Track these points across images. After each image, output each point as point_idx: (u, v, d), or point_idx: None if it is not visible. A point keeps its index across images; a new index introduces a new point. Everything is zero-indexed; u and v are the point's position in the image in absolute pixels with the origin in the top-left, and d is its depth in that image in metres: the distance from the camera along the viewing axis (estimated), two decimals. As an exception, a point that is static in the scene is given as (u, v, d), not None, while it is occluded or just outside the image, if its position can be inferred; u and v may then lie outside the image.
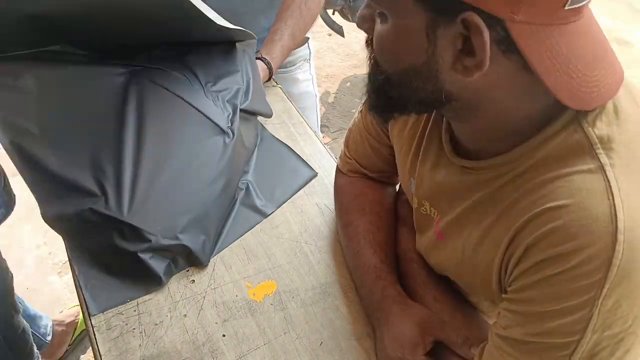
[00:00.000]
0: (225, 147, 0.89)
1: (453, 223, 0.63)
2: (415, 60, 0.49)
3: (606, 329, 0.48)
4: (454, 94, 0.51)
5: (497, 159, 0.56)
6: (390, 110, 0.57)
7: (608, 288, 0.46)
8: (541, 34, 0.44)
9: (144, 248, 0.78)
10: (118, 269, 0.80)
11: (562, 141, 0.51)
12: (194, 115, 0.89)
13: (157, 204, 0.80)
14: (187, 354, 0.72)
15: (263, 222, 0.90)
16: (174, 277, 0.81)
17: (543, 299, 0.50)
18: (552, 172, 0.50)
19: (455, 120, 0.59)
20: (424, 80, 0.50)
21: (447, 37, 0.46)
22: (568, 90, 0.46)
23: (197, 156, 0.86)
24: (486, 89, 0.50)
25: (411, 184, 0.72)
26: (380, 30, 0.51)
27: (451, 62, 0.48)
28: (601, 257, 0.46)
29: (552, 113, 0.51)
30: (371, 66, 0.56)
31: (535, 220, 0.50)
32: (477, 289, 0.65)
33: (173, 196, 0.81)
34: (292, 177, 0.98)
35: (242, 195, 0.93)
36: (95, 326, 0.74)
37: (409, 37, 0.48)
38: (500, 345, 0.55)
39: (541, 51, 0.45)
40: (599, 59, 0.48)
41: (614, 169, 0.48)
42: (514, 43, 0.44)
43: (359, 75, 2.96)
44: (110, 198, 0.77)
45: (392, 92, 0.54)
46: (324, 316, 0.77)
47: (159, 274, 0.79)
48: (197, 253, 0.81)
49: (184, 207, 0.82)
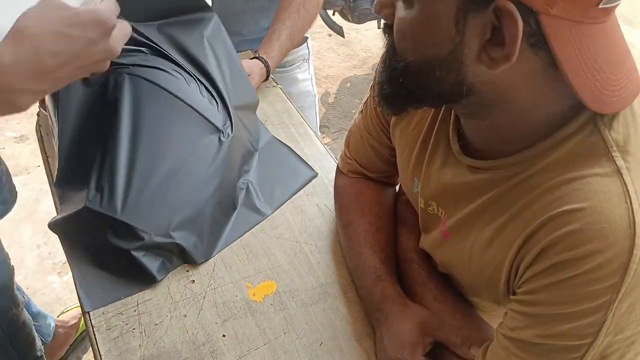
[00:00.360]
0: (221, 145, 0.89)
1: (460, 223, 0.63)
2: (441, 48, 0.48)
3: (619, 332, 0.48)
4: (475, 88, 0.50)
5: (509, 159, 0.55)
6: (404, 102, 0.55)
7: (623, 292, 0.46)
8: (572, 30, 0.44)
9: (137, 246, 0.78)
10: (112, 267, 0.80)
11: (578, 143, 0.50)
12: (190, 113, 0.89)
13: (150, 202, 0.80)
14: (187, 354, 0.72)
15: (263, 222, 0.90)
16: (174, 277, 0.81)
17: (557, 302, 0.50)
18: (567, 174, 0.50)
19: (470, 117, 0.58)
20: (447, 71, 0.49)
21: (476, 25, 0.45)
22: (591, 91, 0.46)
23: (191, 154, 0.86)
24: (508, 85, 0.49)
25: (414, 184, 0.72)
26: (404, 16, 0.49)
27: (477, 53, 0.47)
28: (618, 261, 0.46)
29: (568, 115, 0.51)
30: (388, 54, 0.54)
31: (551, 222, 0.49)
32: (481, 290, 0.65)
33: (167, 194, 0.82)
34: (292, 178, 0.98)
35: (243, 196, 0.93)
36: (95, 326, 0.74)
37: (436, 24, 0.47)
38: (507, 346, 0.55)
39: (570, 48, 0.44)
40: (622, 63, 0.48)
41: (631, 173, 0.48)
42: (543, 37, 0.44)
43: (359, 76, 2.96)
44: (104, 196, 0.78)
45: (409, 82, 0.52)
46: (324, 316, 0.77)
47: (153, 272, 0.79)
48: (190, 251, 0.81)
49: (178, 206, 0.82)
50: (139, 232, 0.78)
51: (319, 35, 3.18)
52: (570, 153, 0.51)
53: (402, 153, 0.74)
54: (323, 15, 2.59)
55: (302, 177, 0.98)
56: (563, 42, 0.44)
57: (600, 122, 0.50)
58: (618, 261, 0.46)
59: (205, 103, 0.92)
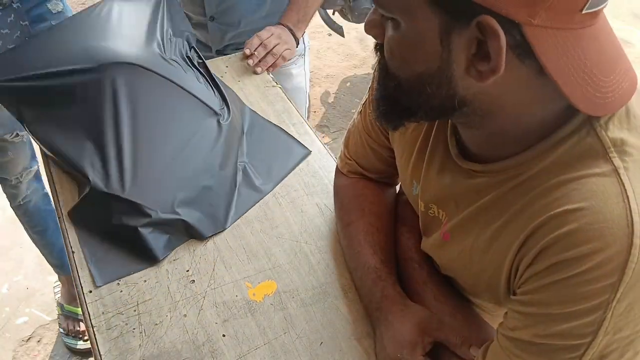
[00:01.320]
0: (220, 127, 0.95)
1: (460, 225, 0.63)
2: (429, 65, 0.49)
3: (617, 331, 0.48)
4: (467, 100, 0.50)
5: (506, 162, 0.55)
6: (400, 117, 0.57)
7: (622, 292, 0.46)
8: (557, 38, 0.44)
9: (144, 223, 0.82)
10: (121, 245, 0.84)
11: (575, 144, 0.51)
12: (187, 98, 0.95)
13: (155, 181, 0.85)
14: (187, 354, 0.72)
15: (263, 222, 0.90)
16: (174, 277, 0.81)
17: (555, 301, 0.50)
18: (565, 175, 0.50)
19: (466, 126, 0.58)
20: (437, 86, 0.50)
21: (462, 41, 0.46)
22: (583, 95, 0.46)
23: (193, 136, 0.91)
24: (500, 94, 0.49)
25: (413, 187, 0.72)
26: (392, 36, 0.51)
27: (465, 67, 0.47)
28: (616, 261, 0.46)
29: (564, 116, 0.51)
30: (380, 72, 0.55)
31: (549, 223, 0.50)
32: (482, 291, 0.65)
33: (171, 174, 0.87)
34: (286, 155, 1.01)
35: (241, 176, 0.96)
36: (95, 326, 0.75)
37: (422, 41, 0.48)
38: (507, 346, 0.55)
39: (557, 56, 0.44)
40: (614, 64, 0.48)
41: (628, 172, 0.48)
42: (529, 47, 0.44)
43: (359, 75, 2.96)
44: (111, 177, 0.83)
45: (403, 98, 0.53)
46: (324, 316, 0.77)
47: (159, 248, 0.83)
48: (196, 226, 0.85)
49: (182, 184, 0.87)
50: (145, 210, 0.82)
51: (319, 34, 3.18)
52: (567, 154, 0.51)
53: (401, 156, 0.74)
54: (323, 14, 2.59)
55: (296, 154, 1.02)
56: (549, 50, 0.44)
57: (596, 123, 0.50)
58: (616, 260, 0.46)
59: (202, 89, 0.99)
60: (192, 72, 1.01)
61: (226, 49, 1.36)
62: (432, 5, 0.45)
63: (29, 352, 1.67)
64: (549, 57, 0.44)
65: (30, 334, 1.70)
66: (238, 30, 1.31)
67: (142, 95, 0.91)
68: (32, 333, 1.70)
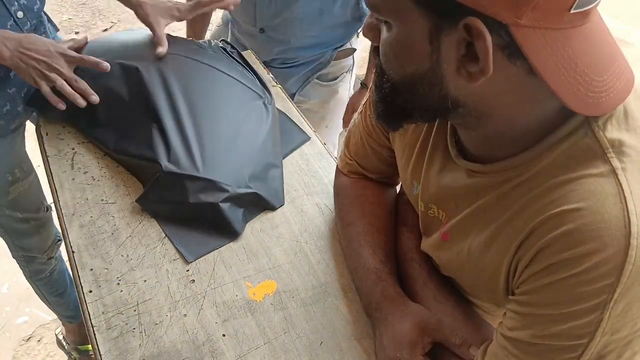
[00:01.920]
0: (267, 109, 1.02)
1: (459, 225, 0.63)
2: (420, 66, 0.49)
3: (615, 332, 0.48)
4: (460, 101, 0.51)
5: (504, 163, 0.55)
6: (397, 118, 0.57)
7: (619, 292, 0.46)
8: (546, 38, 0.44)
9: (223, 198, 0.86)
10: (199, 223, 0.87)
11: (572, 145, 0.51)
12: (234, 83, 1.03)
13: (224, 160, 0.91)
14: (187, 353, 0.72)
15: (263, 222, 0.90)
16: (174, 277, 0.81)
17: (553, 302, 0.50)
18: (563, 175, 0.50)
19: (463, 127, 0.59)
20: (429, 87, 0.50)
21: (450, 42, 0.46)
22: (575, 95, 0.46)
23: (245, 117, 0.98)
24: (492, 95, 0.50)
25: (414, 187, 0.72)
26: (385, 38, 0.51)
27: (455, 68, 0.48)
28: (614, 261, 0.46)
29: (561, 116, 0.51)
30: (377, 75, 0.56)
31: (547, 223, 0.50)
32: (481, 291, 0.65)
33: (235, 153, 0.92)
34: (287, 137, 1.05)
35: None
36: (95, 326, 0.75)
37: (412, 43, 0.48)
38: (505, 346, 0.55)
39: (546, 56, 0.44)
40: (608, 63, 0.48)
41: (626, 173, 0.48)
42: (518, 48, 0.44)
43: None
44: (181, 160, 0.88)
45: (398, 99, 0.54)
46: (324, 316, 0.77)
47: (238, 221, 0.87)
48: (268, 199, 0.91)
49: (247, 161, 0.92)
50: (223, 186, 0.87)
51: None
52: (565, 155, 0.51)
53: (401, 156, 0.75)
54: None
55: (295, 138, 1.05)
56: (538, 50, 0.44)
57: (594, 124, 0.50)
58: (614, 261, 0.46)
59: (244, 75, 1.06)
60: (230, 60, 1.07)
61: (273, 62, 1.33)
62: (421, 7, 0.46)
63: (29, 351, 1.67)
64: (538, 57, 0.44)
65: (31, 334, 1.70)
66: (287, 47, 1.30)
67: (191, 82, 0.97)
68: (32, 333, 1.70)
